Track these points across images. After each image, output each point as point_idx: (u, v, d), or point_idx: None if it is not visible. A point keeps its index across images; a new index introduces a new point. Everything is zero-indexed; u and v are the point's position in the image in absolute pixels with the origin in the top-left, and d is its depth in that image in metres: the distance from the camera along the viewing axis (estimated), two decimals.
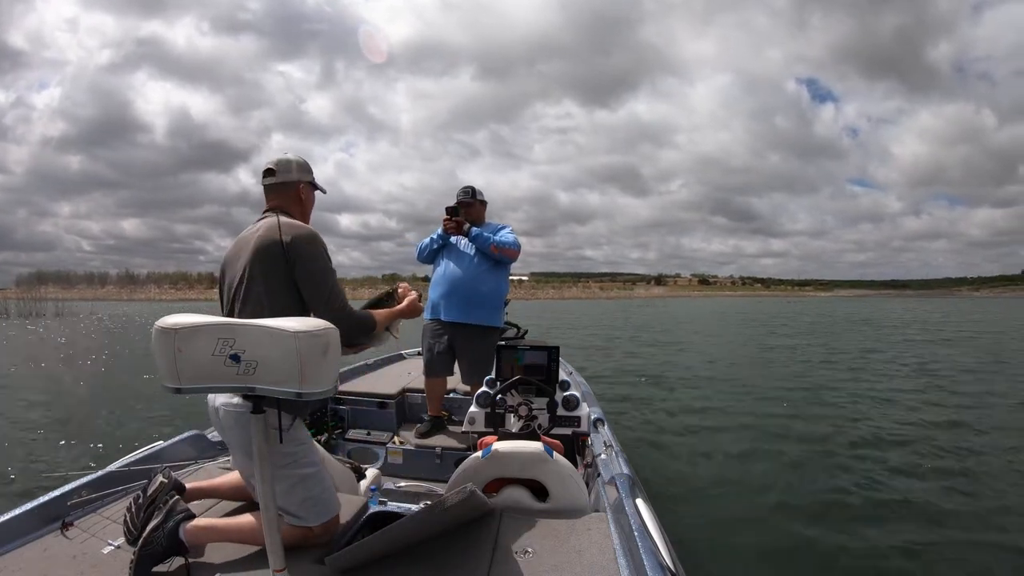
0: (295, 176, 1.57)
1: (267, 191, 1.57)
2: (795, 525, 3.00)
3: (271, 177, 1.56)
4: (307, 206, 1.63)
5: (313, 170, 1.64)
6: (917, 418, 5.45)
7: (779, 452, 4.32)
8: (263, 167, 1.58)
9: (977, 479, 3.67)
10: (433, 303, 2.85)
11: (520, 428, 1.86)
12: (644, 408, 5.97)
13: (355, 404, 3.01)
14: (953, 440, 4.60)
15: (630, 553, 1.30)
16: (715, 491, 3.54)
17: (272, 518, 1.14)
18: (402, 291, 1.66)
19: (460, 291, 2.76)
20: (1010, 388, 7.06)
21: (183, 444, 2.05)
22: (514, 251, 2.83)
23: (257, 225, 1.51)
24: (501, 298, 2.91)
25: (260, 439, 1.13)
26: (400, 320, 1.65)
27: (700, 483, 3.68)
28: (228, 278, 1.49)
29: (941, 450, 4.31)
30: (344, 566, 1.27)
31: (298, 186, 1.58)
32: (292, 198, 1.58)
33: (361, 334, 1.54)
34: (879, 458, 4.14)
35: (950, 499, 3.32)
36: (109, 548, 1.39)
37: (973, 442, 4.54)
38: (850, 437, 4.74)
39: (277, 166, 1.56)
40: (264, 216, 1.53)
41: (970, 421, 5.26)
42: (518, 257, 2.87)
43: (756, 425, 5.23)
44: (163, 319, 1.05)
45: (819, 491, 3.50)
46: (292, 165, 1.58)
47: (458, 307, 2.77)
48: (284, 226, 1.44)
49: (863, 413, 5.70)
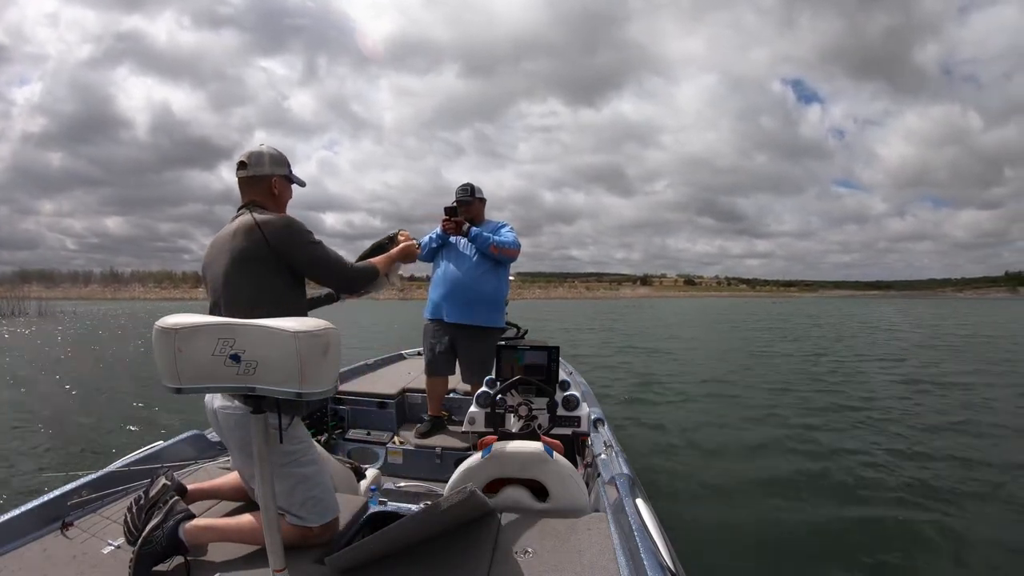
0: (268, 170, 1.54)
1: (240, 185, 1.55)
2: (795, 524, 3.01)
3: (244, 170, 1.53)
4: (282, 200, 1.60)
5: (290, 163, 1.61)
6: (916, 418, 5.46)
7: (779, 452, 4.33)
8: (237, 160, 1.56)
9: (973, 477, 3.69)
10: (434, 303, 2.85)
11: (520, 428, 1.86)
12: (644, 408, 5.98)
13: (355, 404, 3.00)
14: (951, 440, 4.61)
15: (630, 553, 1.30)
16: (715, 491, 3.54)
17: (272, 518, 1.14)
18: (402, 237, 1.76)
19: (461, 292, 2.76)
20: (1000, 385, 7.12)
21: (183, 444, 2.05)
22: (514, 251, 2.82)
23: (233, 224, 1.47)
24: (502, 298, 2.91)
25: (260, 439, 1.13)
26: (399, 267, 1.74)
27: (700, 483, 3.68)
28: (210, 279, 1.48)
29: (939, 451, 4.32)
30: (344, 566, 1.27)
31: (271, 179, 1.55)
32: (266, 192, 1.55)
33: (366, 284, 1.61)
34: (879, 458, 4.14)
35: (950, 499, 3.33)
36: (109, 548, 1.39)
37: (972, 442, 4.56)
38: (850, 437, 4.75)
39: (249, 159, 1.53)
40: (239, 213, 1.51)
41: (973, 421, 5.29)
42: (518, 256, 2.86)
43: (756, 425, 5.24)
44: (163, 319, 1.05)
45: (819, 491, 3.50)
46: (265, 158, 1.55)
47: (459, 308, 2.77)
48: (262, 223, 1.42)
49: (862, 413, 5.71)
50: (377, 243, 1.76)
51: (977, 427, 5.07)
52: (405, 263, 1.76)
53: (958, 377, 7.95)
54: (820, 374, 8.43)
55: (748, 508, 3.25)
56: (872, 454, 4.23)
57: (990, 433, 4.84)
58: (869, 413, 5.66)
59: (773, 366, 9.47)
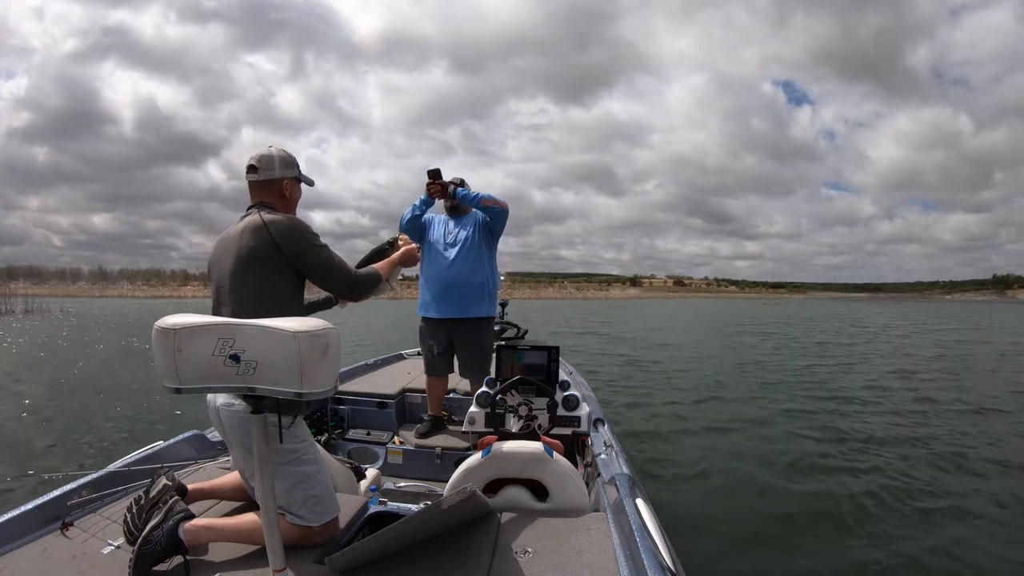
0: (278, 173, 1.56)
1: (251, 187, 1.55)
2: (795, 524, 3.01)
3: (254, 174, 1.54)
4: (292, 201, 1.62)
5: (299, 163, 1.62)
6: (915, 419, 5.47)
7: (779, 452, 4.33)
8: (246, 162, 1.56)
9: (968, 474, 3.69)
10: (427, 301, 2.81)
11: (520, 428, 1.86)
12: (644, 408, 5.98)
13: (355, 404, 3.00)
14: (950, 439, 4.62)
15: (630, 553, 1.30)
16: (715, 491, 3.54)
17: (272, 518, 1.14)
18: (402, 242, 1.78)
19: (454, 287, 2.73)
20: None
21: (183, 444, 2.05)
22: (504, 202, 2.72)
23: (241, 223, 1.48)
24: (494, 287, 2.87)
25: (260, 439, 1.13)
26: (399, 271, 1.76)
27: (700, 483, 3.69)
28: (216, 278, 1.48)
29: (935, 453, 4.32)
30: (344, 566, 1.27)
31: (282, 182, 1.57)
32: (276, 194, 1.56)
33: (370, 291, 1.62)
34: (880, 457, 4.14)
35: (949, 498, 3.33)
36: (109, 548, 1.39)
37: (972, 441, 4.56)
38: (849, 437, 4.76)
39: (259, 163, 1.54)
40: (248, 213, 1.51)
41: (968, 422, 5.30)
42: (508, 211, 2.75)
43: (756, 426, 5.24)
44: (163, 319, 1.05)
45: (819, 491, 3.51)
46: (275, 161, 1.56)
47: (453, 303, 2.74)
48: (269, 223, 1.43)
49: (862, 412, 5.72)
50: (377, 248, 1.78)
51: (978, 429, 5.08)
52: (406, 267, 1.77)
53: (958, 378, 7.99)
54: (819, 377, 8.45)
55: (748, 508, 3.25)
56: (874, 456, 4.23)
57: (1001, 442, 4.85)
58: (870, 414, 5.67)
59: (773, 368, 9.49)
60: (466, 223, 2.79)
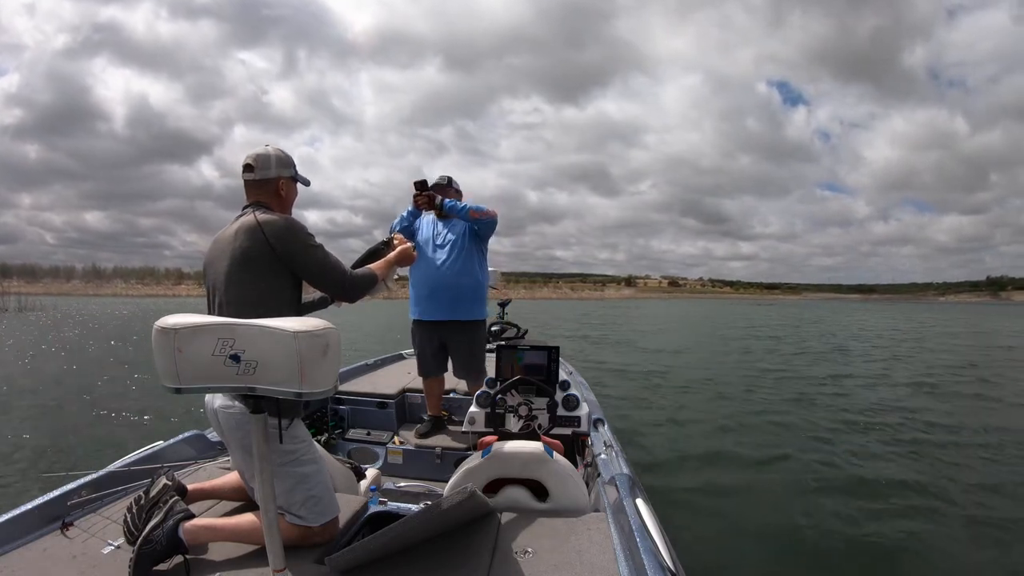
0: (274, 172, 1.55)
1: (247, 186, 1.55)
2: (795, 524, 3.01)
3: (250, 173, 1.53)
4: (288, 200, 1.61)
5: (295, 162, 1.61)
6: (922, 421, 5.47)
7: (779, 453, 4.33)
8: (243, 161, 1.55)
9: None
10: (418, 304, 2.80)
11: (520, 428, 1.86)
12: (644, 409, 5.98)
13: (355, 404, 3.00)
14: (948, 439, 4.62)
15: (630, 553, 1.30)
16: (715, 491, 3.54)
17: (272, 518, 1.14)
18: (398, 241, 1.78)
19: (444, 289, 2.71)
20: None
21: (183, 444, 2.05)
22: (492, 212, 2.71)
23: (235, 224, 1.48)
24: (484, 289, 2.86)
25: (260, 439, 1.13)
26: (395, 272, 1.76)
27: (700, 483, 3.68)
28: (211, 279, 1.48)
29: (944, 453, 4.32)
30: (344, 566, 1.27)
31: (278, 182, 1.56)
32: (272, 193, 1.55)
33: (366, 292, 1.61)
34: (881, 457, 4.14)
35: (949, 498, 3.33)
36: (109, 548, 1.39)
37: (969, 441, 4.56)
38: (848, 437, 4.76)
39: (256, 162, 1.53)
40: (242, 213, 1.51)
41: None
42: (497, 220, 2.74)
43: (756, 426, 5.24)
44: (163, 319, 1.04)
45: (819, 491, 3.51)
46: (271, 160, 1.55)
47: (444, 305, 2.72)
48: (263, 223, 1.42)
49: (861, 412, 5.71)
50: (373, 248, 1.77)
51: (978, 431, 5.08)
52: (402, 267, 1.77)
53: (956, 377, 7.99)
54: (817, 378, 8.45)
55: (748, 508, 3.25)
56: (874, 456, 4.23)
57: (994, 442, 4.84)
58: (871, 415, 5.67)
59: (771, 368, 9.49)
60: (455, 224, 2.76)
